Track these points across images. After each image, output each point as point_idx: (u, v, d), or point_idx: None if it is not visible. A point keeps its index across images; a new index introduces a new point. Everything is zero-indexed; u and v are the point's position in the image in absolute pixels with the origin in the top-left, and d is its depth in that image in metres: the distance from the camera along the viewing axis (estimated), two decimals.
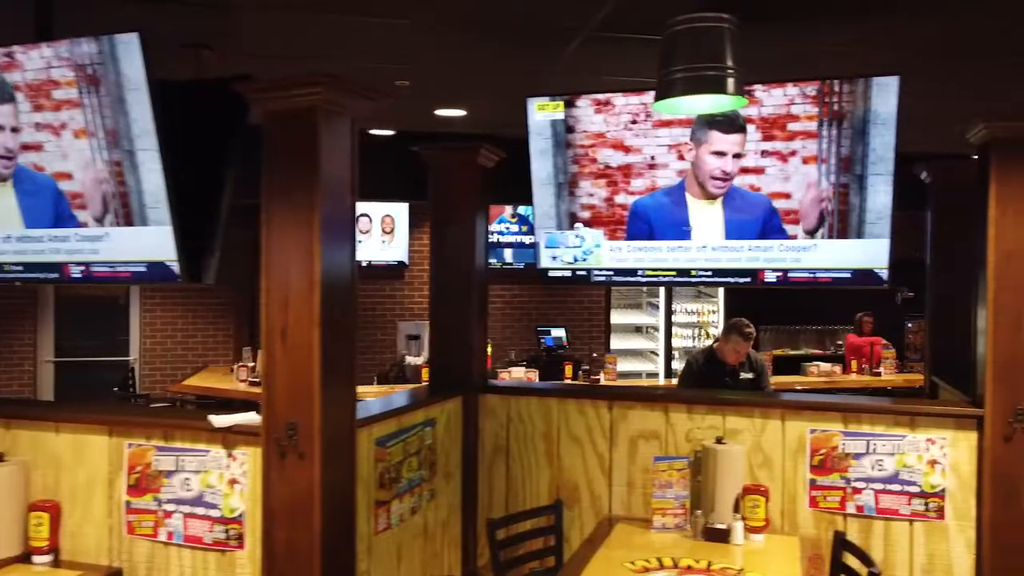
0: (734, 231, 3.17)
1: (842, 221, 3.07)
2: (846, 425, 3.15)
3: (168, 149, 2.55)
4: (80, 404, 4.10)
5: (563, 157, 3.34)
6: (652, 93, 2.70)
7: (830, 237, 3.09)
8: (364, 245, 9.11)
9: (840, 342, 9.56)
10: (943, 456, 3.03)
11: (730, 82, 2.39)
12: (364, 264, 9.10)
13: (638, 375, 10.28)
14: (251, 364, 7.73)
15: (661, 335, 10.72)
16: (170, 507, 2.65)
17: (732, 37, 2.41)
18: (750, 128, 3.10)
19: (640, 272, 3.40)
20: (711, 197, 3.18)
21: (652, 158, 3.23)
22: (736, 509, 3.05)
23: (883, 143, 2.95)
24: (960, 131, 3.04)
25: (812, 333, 10.88)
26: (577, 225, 3.40)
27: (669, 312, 10.65)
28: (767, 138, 3.08)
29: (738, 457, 3.14)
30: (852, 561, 2.87)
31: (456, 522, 3.50)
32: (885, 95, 2.91)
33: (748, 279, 3.26)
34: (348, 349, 2.55)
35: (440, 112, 5.16)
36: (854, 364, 8.40)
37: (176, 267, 2.62)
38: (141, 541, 2.70)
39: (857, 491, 3.12)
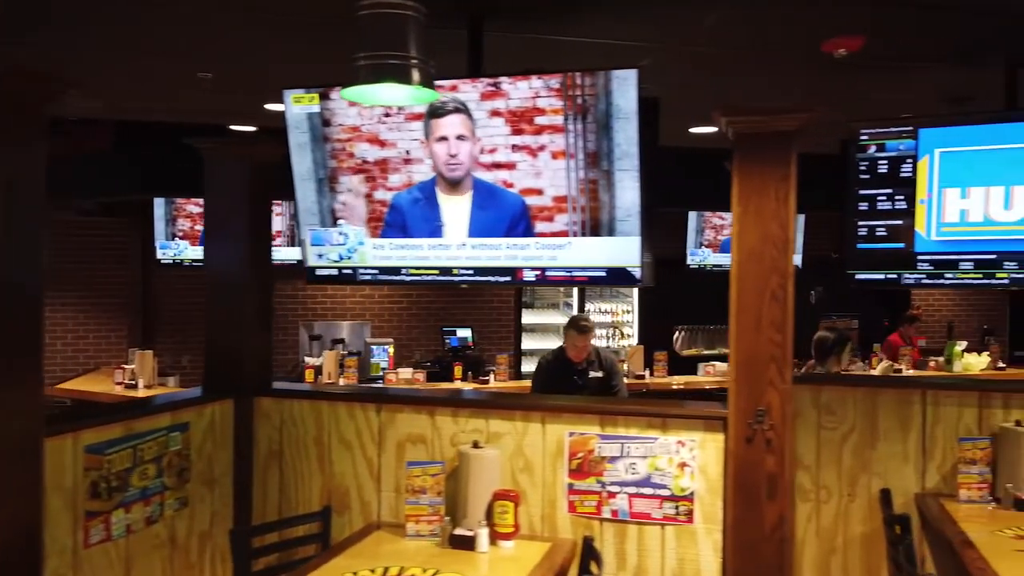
0: (478, 228, 3.08)
1: (594, 218, 2.99)
2: (603, 428, 3.07)
3: None
4: None
5: (322, 151, 3.23)
6: None
7: (583, 235, 3.02)
8: None
9: None
10: (692, 459, 2.97)
11: (414, 72, 2.29)
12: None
13: None
14: (130, 367, 7.54)
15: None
16: None
17: (418, 26, 2.31)
18: (499, 121, 3.01)
19: (404, 271, 3.29)
20: (454, 188, 3.09)
21: (407, 152, 3.13)
22: (489, 515, 2.96)
23: (627, 138, 2.87)
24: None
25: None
26: (340, 222, 3.29)
27: (581, 312, 10.59)
28: (516, 132, 2.99)
29: (493, 462, 3.05)
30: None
31: (223, 532, 3.37)
32: (625, 88, 2.83)
33: (508, 278, 3.18)
34: (25, 353, 2.41)
35: (270, 107, 5.04)
36: None
37: None
38: None
39: (612, 495, 3.04)
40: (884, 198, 3.69)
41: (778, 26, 3.51)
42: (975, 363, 7.56)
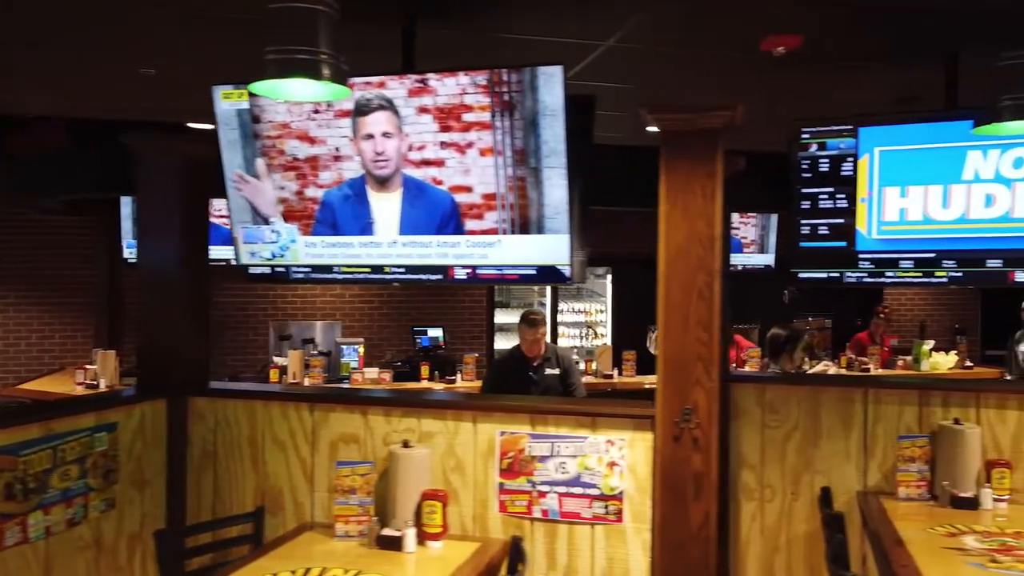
0: (409, 226, 3.06)
1: (523, 216, 2.96)
2: (533, 427, 3.05)
3: None
4: None
5: (252, 148, 3.19)
6: None
7: (512, 233, 2.99)
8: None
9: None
10: (621, 458, 2.95)
11: (324, 68, 2.26)
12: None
13: None
14: (92, 367, 7.44)
15: (547, 335, 10.61)
16: None
17: (328, 21, 2.27)
18: (427, 118, 2.98)
19: (336, 269, 3.26)
20: (384, 185, 3.07)
21: (337, 149, 3.10)
22: (418, 515, 2.94)
23: (554, 135, 2.85)
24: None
25: None
26: (272, 219, 3.26)
27: (555, 311, 10.56)
28: (444, 129, 2.96)
29: (422, 461, 3.02)
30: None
31: None
32: (551, 85, 2.81)
33: (440, 276, 3.15)
34: None
35: None
36: None
37: None
38: None
39: (542, 495, 3.02)
40: (826, 196, 3.68)
41: (736, 25, 3.50)
42: (943, 362, 7.56)
